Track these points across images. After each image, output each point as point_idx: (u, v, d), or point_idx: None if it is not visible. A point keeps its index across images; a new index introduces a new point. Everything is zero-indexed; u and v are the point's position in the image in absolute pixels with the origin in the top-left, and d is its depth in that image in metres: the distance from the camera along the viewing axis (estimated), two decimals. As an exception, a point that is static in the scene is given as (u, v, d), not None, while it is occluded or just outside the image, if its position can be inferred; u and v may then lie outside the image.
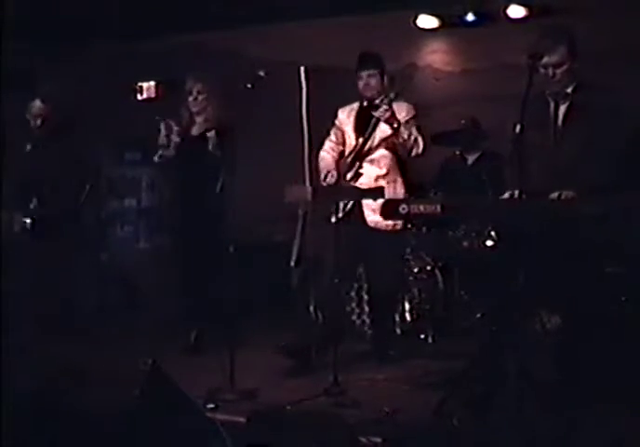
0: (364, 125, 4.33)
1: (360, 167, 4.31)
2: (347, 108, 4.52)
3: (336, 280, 3.98)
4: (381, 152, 4.31)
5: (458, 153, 5.44)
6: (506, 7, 5.77)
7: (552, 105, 3.56)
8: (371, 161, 4.31)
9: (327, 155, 4.52)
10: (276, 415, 3.34)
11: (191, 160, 4.59)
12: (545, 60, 3.50)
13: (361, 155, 4.32)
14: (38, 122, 5.02)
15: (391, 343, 4.53)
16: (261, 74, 3.94)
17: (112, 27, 6.11)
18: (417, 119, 4.35)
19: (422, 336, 4.89)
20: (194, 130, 4.69)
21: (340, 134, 4.52)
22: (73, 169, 5.03)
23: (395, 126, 4.16)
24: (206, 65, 6.03)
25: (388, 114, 4.10)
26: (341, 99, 4.57)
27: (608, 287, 3.49)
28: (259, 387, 3.73)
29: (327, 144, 4.55)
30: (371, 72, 4.35)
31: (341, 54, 6.13)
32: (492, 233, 4.39)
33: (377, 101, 4.29)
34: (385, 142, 4.28)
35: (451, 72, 6.20)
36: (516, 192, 3.30)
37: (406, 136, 4.18)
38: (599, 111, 3.45)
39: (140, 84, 4.41)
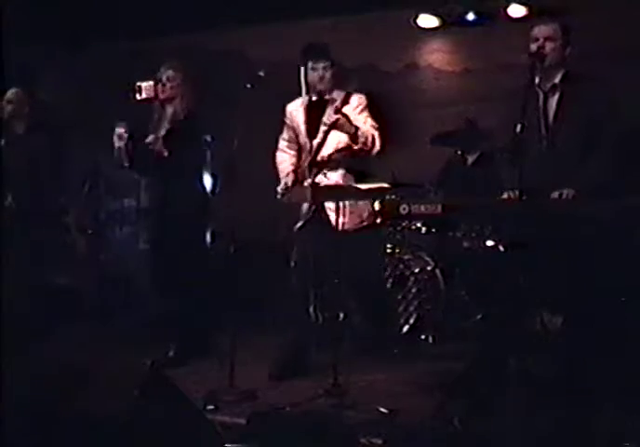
0: (315, 125, 4.13)
1: (317, 173, 4.08)
2: (294, 104, 4.30)
3: (336, 281, 3.97)
4: (338, 156, 4.10)
5: (459, 153, 5.43)
6: (506, 7, 5.76)
7: (541, 97, 3.53)
8: (328, 167, 4.09)
9: (285, 155, 4.33)
10: (276, 417, 3.33)
11: (152, 161, 4.45)
12: (536, 31, 3.48)
13: (316, 160, 4.10)
14: (9, 109, 4.88)
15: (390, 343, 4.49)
16: (261, 73, 3.93)
17: (109, 26, 6.09)
18: (367, 109, 4.12)
19: (423, 337, 4.88)
20: (163, 126, 4.48)
21: (292, 132, 4.31)
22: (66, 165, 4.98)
23: (352, 132, 3.94)
24: (206, 65, 6.04)
25: (340, 121, 3.88)
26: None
27: (609, 287, 3.48)
28: (258, 388, 3.73)
29: (282, 143, 4.35)
30: (326, 64, 4.13)
31: (342, 54, 6.14)
32: (492, 233, 4.39)
33: (327, 97, 4.12)
34: (341, 150, 4.08)
35: (451, 71, 6.19)
36: (516, 192, 3.29)
37: (363, 139, 3.98)
38: (589, 102, 3.42)
39: (138, 83, 4.37)
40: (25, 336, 4.33)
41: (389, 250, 5.07)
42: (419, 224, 5.08)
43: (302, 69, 3.87)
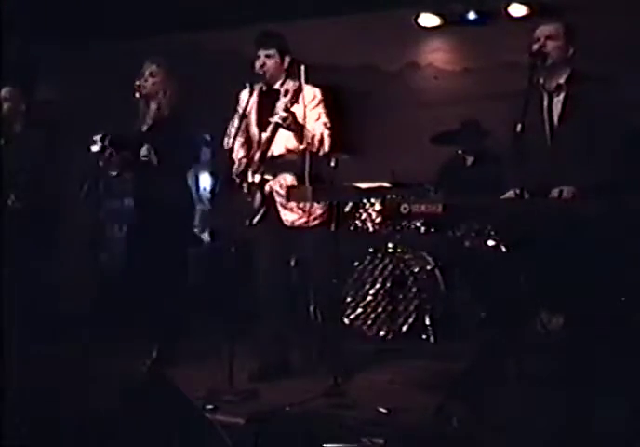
0: (266, 116, 3.93)
1: (267, 169, 3.98)
2: (247, 91, 4.01)
3: (334, 281, 3.95)
4: (288, 152, 3.98)
5: (460, 152, 5.42)
6: (507, 6, 5.76)
7: (545, 97, 3.51)
8: (279, 163, 3.98)
9: (235, 140, 4.03)
10: (276, 416, 3.32)
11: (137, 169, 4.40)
12: (537, 31, 3.48)
13: (266, 156, 3.96)
14: (5, 106, 4.84)
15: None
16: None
17: (108, 25, 6.10)
18: (323, 105, 3.99)
19: (423, 337, 4.88)
20: (145, 123, 4.43)
21: (243, 120, 4.03)
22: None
23: (298, 131, 3.82)
24: (206, 65, 6.04)
25: (288, 121, 3.76)
26: (342, 98, 4.53)
27: (609, 286, 3.48)
28: (258, 388, 3.72)
29: (232, 130, 4.02)
30: (269, 52, 3.98)
31: (343, 53, 6.14)
32: (493, 232, 4.39)
33: (277, 87, 3.97)
34: (290, 148, 3.97)
35: (452, 70, 6.18)
36: (517, 191, 3.28)
37: (310, 139, 3.83)
38: (594, 103, 3.41)
39: (137, 82, 4.35)
40: (25, 336, 4.33)
41: (390, 250, 5.07)
42: (419, 224, 5.08)
43: (302, 67, 3.82)
